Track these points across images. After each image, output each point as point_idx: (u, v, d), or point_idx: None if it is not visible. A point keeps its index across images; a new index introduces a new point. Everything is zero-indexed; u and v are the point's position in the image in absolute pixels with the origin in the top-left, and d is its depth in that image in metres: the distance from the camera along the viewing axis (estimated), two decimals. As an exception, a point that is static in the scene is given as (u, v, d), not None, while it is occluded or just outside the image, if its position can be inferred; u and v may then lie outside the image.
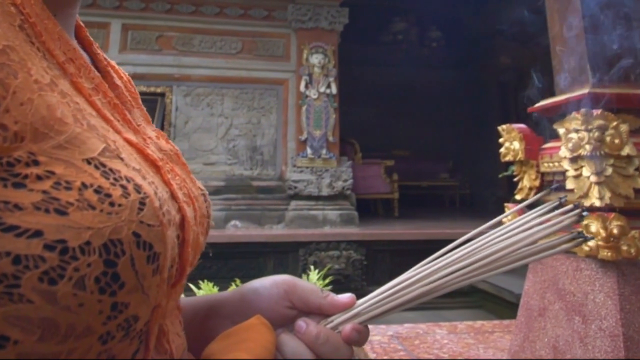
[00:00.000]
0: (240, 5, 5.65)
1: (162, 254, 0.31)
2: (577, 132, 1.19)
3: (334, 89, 5.62)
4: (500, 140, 1.52)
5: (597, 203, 1.16)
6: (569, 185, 1.25)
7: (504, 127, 1.50)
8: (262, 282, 0.47)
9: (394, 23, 9.26)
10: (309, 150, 5.47)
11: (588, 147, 1.16)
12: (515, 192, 1.54)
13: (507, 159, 1.50)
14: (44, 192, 0.26)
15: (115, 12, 5.40)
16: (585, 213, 0.43)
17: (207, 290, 2.63)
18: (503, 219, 0.53)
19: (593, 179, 1.17)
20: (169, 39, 5.53)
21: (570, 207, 0.44)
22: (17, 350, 0.25)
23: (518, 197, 1.46)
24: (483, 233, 0.46)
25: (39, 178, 0.27)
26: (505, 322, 2.21)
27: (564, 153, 1.24)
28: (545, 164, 1.39)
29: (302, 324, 0.44)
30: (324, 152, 5.49)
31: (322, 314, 0.45)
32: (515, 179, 1.53)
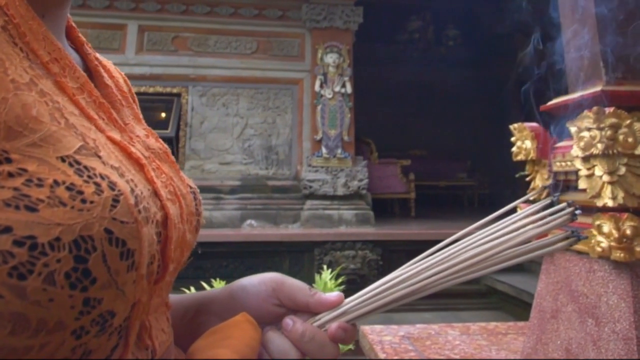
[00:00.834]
0: (255, 6, 5.68)
1: (137, 251, 0.31)
2: (589, 130, 1.16)
3: (349, 89, 5.61)
4: (512, 139, 1.50)
5: (609, 203, 1.14)
6: (581, 185, 1.22)
7: (516, 125, 1.48)
8: (250, 279, 0.48)
9: (410, 21, 9.19)
10: (324, 150, 5.47)
11: (600, 145, 1.13)
12: (528, 191, 1.51)
13: (518, 159, 1.48)
14: (15, 189, 0.27)
15: (132, 13, 5.47)
16: (578, 212, 0.42)
17: (220, 289, 2.64)
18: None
19: (606, 179, 1.14)
20: (185, 40, 5.58)
21: (563, 205, 0.43)
22: None
23: (531, 197, 1.43)
24: (480, 229, 0.45)
25: (11, 175, 0.27)
26: (520, 323, 2.17)
27: (576, 152, 1.21)
28: (558, 163, 1.37)
29: (289, 322, 0.44)
30: (339, 151, 5.48)
31: (310, 312, 0.45)
32: (528, 179, 1.51)
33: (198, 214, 0.47)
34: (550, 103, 1.42)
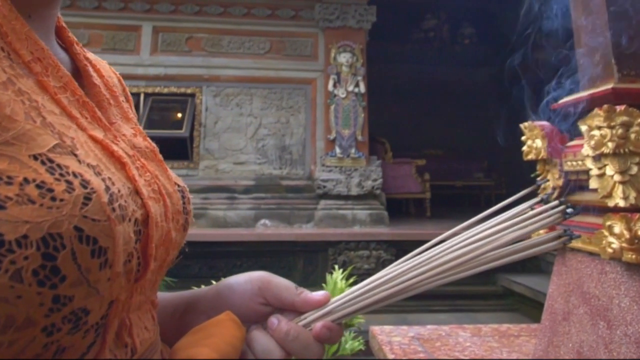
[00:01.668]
0: (268, 6, 5.70)
1: (109, 249, 0.31)
2: (599, 129, 1.14)
3: (363, 88, 5.59)
4: (523, 139, 1.47)
5: (621, 203, 1.11)
6: (593, 185, 1.20)
7: (526, 124, 1.45)
8: (237, 278, 0.48)
9: (425, 20, 9.12)
10: (338, 150, 5.46)
11: (611, 144, 1.10)
12: (539, 191, 1.48)
13: (529, 158, 1.45)
14: None
15: (146, 15, 5.54)
16: (570, 210, 0.41)
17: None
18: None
19: (617, 178, 1.12)
20: (198, 40, 5.63)
21: (555, 203, 0.42)
22: None
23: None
24: (469, 228, 0.44)
25: None
26: (532, 325, 2.13)
27: (587, 151, 1.19)
28: (569, 163, 1.34)
29: (274, 321, 0.44)
30: (353, 151, 5.47)
31: (296, 311, 0.45)
32: (539, 179, 1.48)
33: (186, 213, 0.47)
34: (562, 101, 1.39)
